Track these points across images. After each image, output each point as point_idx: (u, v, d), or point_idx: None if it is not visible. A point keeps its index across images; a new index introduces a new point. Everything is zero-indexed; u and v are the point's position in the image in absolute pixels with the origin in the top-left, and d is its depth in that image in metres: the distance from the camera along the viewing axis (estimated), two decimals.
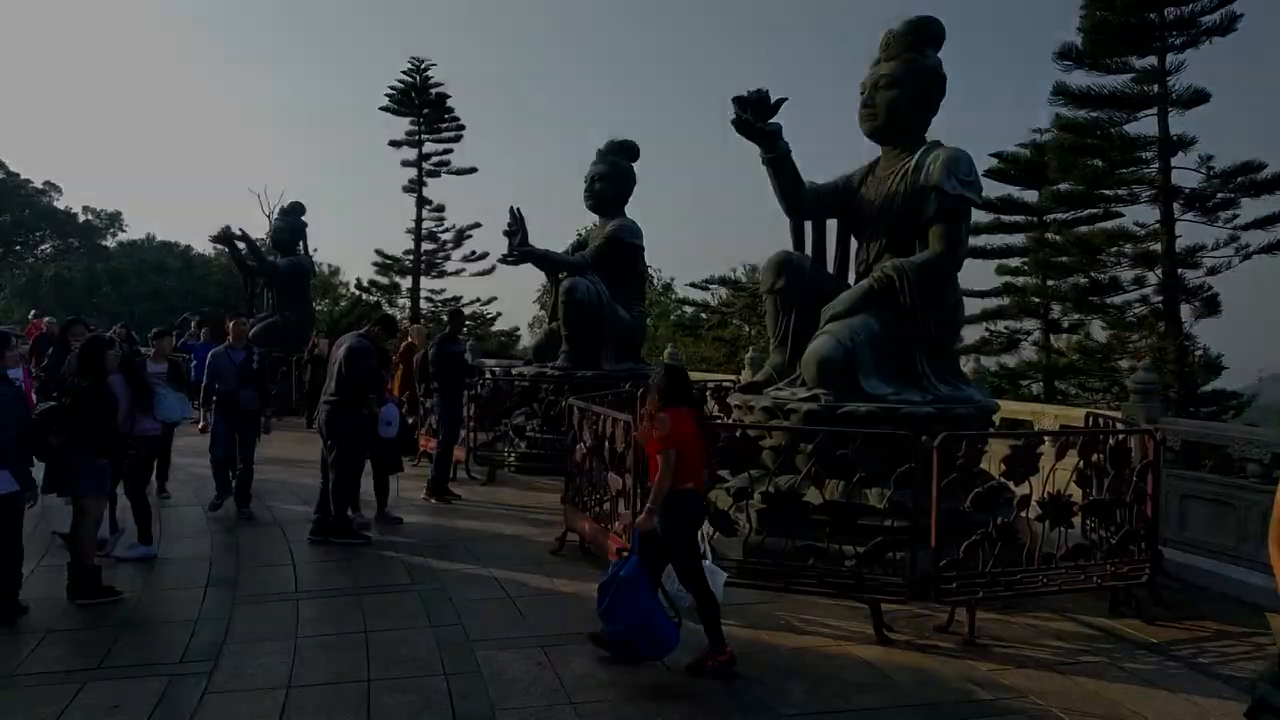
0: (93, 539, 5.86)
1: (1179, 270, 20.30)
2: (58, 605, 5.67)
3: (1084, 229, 22.62)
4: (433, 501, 9.24)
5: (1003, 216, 25.71)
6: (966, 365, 11.12)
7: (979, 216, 23.24)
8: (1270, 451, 7.88)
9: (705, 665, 4.69)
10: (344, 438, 7.46)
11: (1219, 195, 19.94)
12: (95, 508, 5.86)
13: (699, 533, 5.02)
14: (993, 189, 24.58)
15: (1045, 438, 6.42)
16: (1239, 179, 19.63)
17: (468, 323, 35.92)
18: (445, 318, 10.88)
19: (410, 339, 12.10)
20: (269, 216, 37.15)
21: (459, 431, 10.13)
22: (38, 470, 5.71)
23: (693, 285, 35.37)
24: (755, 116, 7.08)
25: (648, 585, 4.71)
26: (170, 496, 8.96)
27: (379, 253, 35.49)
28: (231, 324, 8.94)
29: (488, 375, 12.34)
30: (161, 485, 8.90)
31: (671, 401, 4.84)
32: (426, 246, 35.26)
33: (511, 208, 11.81)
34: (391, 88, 34.32)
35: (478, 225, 34.83)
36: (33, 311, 22.06)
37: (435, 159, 34.67)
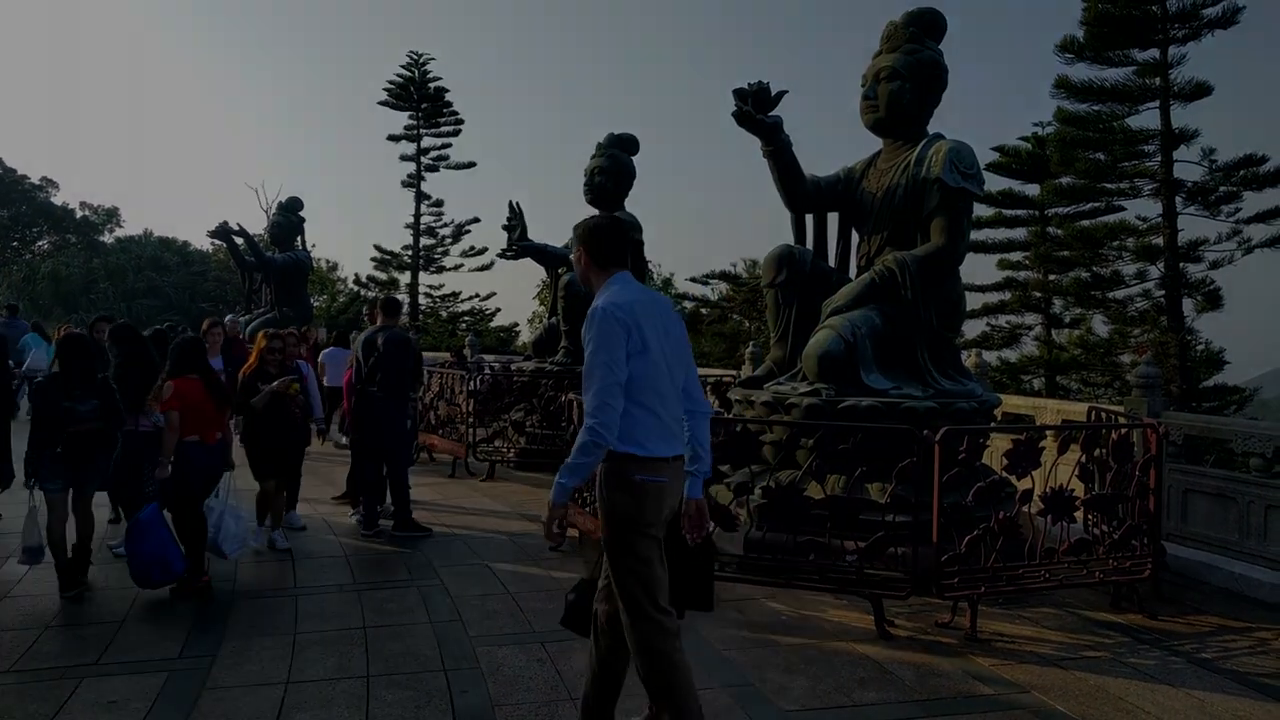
0: (58, 533, 5.77)
1: (1181, 264, 20.30)
2: (54, 601, 5.65)
3: (1086, 223, 22.63)
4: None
5: (1004, 210, 25.71)
6: (968, 359, 11.08)
7: (980, 210, 23.23)
8: (1273, 445, 7.85)
9: (189, 588, 5.70)
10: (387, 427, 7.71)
11: (1221, 189, 19.93)
12: (56, 503, 5.78)
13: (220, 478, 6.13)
14: (994, 183, 24.59)
15: (1047, 432, 6.40)
16: (1241, 172, 19.62)
17: (465, 318, 35.90)
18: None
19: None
20: (267, 212, 37.14)
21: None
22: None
23: (692, 280, 35.27)
24: (756, 109, 7.05)
25: (162, 525, 5.62)
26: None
27: (377, 248, 35.57)
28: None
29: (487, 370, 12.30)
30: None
31: (177, 372, 5.95)
32: (425, 241, 35.30)
33: (511, 202, 11.77)
34: (390, 82, 34.35)
35: (476, 220, 34.93)
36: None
37: (434, 154, 34.72)
